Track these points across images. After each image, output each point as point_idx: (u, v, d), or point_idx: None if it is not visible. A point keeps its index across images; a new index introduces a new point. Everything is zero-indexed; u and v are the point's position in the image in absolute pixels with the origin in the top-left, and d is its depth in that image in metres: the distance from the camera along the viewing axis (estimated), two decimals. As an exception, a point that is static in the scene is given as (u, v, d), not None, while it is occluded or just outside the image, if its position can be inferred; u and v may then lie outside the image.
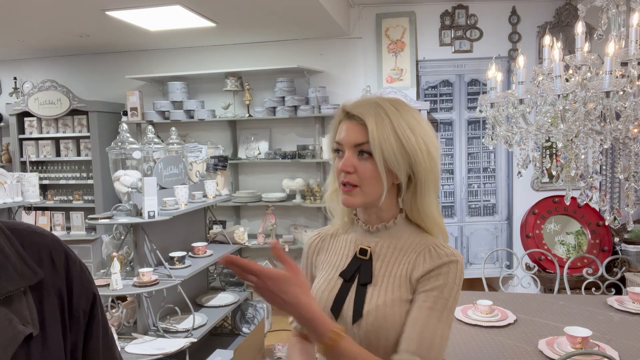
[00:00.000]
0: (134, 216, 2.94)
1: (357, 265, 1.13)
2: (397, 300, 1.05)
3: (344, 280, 1.12)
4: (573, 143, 1.79)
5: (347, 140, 1.08)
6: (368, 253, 1.12)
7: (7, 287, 0.69)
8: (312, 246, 1.26)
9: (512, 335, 2.11)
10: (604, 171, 4.17)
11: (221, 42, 4.73)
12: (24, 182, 3.74)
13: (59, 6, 3.47)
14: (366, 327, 1.05)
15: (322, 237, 1.26)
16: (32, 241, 0.76)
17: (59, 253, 0.78)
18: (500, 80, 2.10)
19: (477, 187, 4.57)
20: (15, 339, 0.67)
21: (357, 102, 1.09)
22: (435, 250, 1.08)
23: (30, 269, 0.72)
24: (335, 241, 1.22)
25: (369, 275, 1.10)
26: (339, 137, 1.10)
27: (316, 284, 1.17)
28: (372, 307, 1.06)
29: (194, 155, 3.65)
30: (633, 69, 1.52)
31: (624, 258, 3.75)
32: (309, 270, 1.26)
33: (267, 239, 4.57)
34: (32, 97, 4.82)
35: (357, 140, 1.06)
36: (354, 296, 1.09)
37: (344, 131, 1.09)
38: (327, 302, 1.11)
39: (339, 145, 1.10)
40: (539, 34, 4.32)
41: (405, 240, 1.12)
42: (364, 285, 1.09)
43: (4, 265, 0.70)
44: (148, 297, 2.99)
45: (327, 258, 1.21)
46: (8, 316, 0.67)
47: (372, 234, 1.15)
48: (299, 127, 4.73)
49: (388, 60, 4.49)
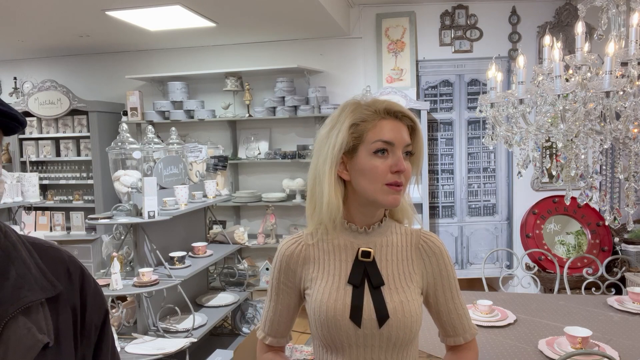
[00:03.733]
0: (134, 216, 2.94)
1: (362, 269, 1.10)
2: (413, 294, 1.11)
3: (354, 287, 1.09)
4: (573, 143, 1.79)
5: (401, 140, 1.08)
6: (371, 255, 1.11)
7: (29, 297, 0.71)
8: (293, 256, 1.15)
9: (512, 335, 2.11)
10: (604, 171, 4.17)
11: (221, 42, 4.73)
12: (24, 182, 3.75)
13: (59, 6, 3.47)
14: (396, 325, 1.07)
15: (303, 245, 1.16)
16: (50, 256, 0.79)
17: (76, 268, 0.81)
18: (500, 80, 2.10)
19: (477, 187, 4.57)
20: (35, 347, 0.69)
21: (396, 104, 1.11)
22: (430, 241, 1.16)
23: (50, 282, 0.75)
24: (321, 248, 1.15)
25: (380, 277, 1.10)
26: (387, 137, 1.06)
27: (320, 296, 1.10)
28: (397, 304, 1.08)
29: (194, 155, 3.65)
30: (633, 69, 1.52)
31: (624, 258, 3.75)
32: (290, 282, 1.16)
33: (267, 239, 4.58)
34: (32, 97, 4.82)
35: (408, 141, 1.10)
36: (371, 300, 1.08)
37: (395, 131, 1.08)
38: (343, 312, 1.07)
39: (387, 145, 1.07)
40: (539, 34, 4.32)
41: (395, 235, 1.16)
42: (377, 288, 1.09)
43: (26, 276, 0.73)
44: (148, 297, 2.99)
45: (318, 267, 1.14)
46: (27, 325, 0.70)
47: (368, 235, 1.14)
48: (299, 127, 4.73)
49: (388, 60, 4.49)
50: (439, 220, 4.58)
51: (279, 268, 1.17)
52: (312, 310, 1.12)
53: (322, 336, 1.11)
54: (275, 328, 1.22)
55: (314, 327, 1.13)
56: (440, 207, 4.59)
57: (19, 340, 0.68)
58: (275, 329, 1.22)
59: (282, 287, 1.18)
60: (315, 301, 1.11)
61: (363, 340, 1.08)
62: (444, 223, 4.58)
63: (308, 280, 1.14)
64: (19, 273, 0.72)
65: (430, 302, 1.17)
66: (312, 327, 1.14)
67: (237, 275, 3.77)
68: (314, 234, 1.16)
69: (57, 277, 0.77)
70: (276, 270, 1.18)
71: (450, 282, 1.16)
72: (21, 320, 0.69)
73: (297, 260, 1.16)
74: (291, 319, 1.22)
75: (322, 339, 1.12)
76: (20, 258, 0.74)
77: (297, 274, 1.16)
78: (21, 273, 0.73)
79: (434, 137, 4.55)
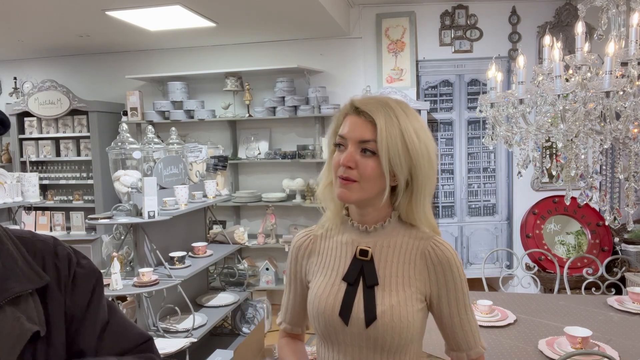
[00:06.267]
0: (134, 216, 2.93)
1: (359, 267, 1.10)
2: (409, 300, 1.07)
3: (348, 284, 1.10)
4: (573, 143, 1.79)
5: (352, 136, 1.05)
6: (369, 254, 1.11)
7: (16, 288, 0.75)
8: (301, 248, 1.21)
9: (512, 335, 2.11)
10: (604, 171, 4.17)
11: (221, 42, 4.73)
12: (24, 182, 3.75)
13: (59, 6, 3.47)
14: (382, 328, 1.05)
15: (312, 238, 1.21)
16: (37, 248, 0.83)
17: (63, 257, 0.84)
18: (500, 80, 2.10)
19: (477, 187, 4.57)
20: (23, 336, 0.72)
21: (366, 99, 1.07)
22: (439, 249, 1.10)
23: (37, 274, 0.79)
24: (326, 243, 1.18)
25: (375, 277, 1.09)
26: (343, 131, 1.07)
27: (317, 290, 1.13)
28: (386, 308, 1.06)
29: (194, 155, 3.65)
30: (633, 69, 1.52)
31: (624, 258, 3.75)
32: (298, 273, 1.21)
33: (267, 239, 4.58)
34: (32, 97, 4.82)
35: (363, 137, 1.04)
36: (362, 299, 1.07)
37: (350, 126, 1.06)
38: (333, 307, 1.09)
39: (341, 140, 1.07)
40: (539, 34, 4.32)
41: (402, 237, 1.12)
42: (371, 288, 1.08)
43: (13, 268, 0.77)
44: (148, 297, 2.99)
45: (320, 261, 1.17)
46: (16, 314, 0.73)
47: (369, 234, 1.13)
48: (299, 127, 4.73)
49: (388, 60, 4.49)
50: (439, 220, 4.58)
51: (291, 259, 1.23)
52: (309, 303, 1.15)
53: (318, 329, 1.14)
54: (290, 316, 1.27)
55: (311, 319, 1.16)
56: (440, 207, 4.59)
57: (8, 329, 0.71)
58: (290, 317, 1.27)
59: (292, 278, 1.23)
60: (311, 294, 1.15)
61: (351, 339, 1.08)
62: (444, 223, 4.58)
63: (310, 273, 1.18)
64: (6, 265, 0.76)
65: (434, 312, 1.13)
66: (310, 319, 1.17)
67: (237, 275, 3.77)
68: (324, 228, 1.21)
69: (44, 268, 0.80)
70: (289, 260, 1.24)
71: (457, 295, 1.09)
72: (9, 310, 0.73)
73: (304, 253, 1.21)
74: (303, 309, 1.22)
75: (318, 332, 1.15)
76: (7, 251, 0.77)
77: (303, 266, 1.20)
78: (8, 265, 0.76)
79: (434, 137, 4.54)
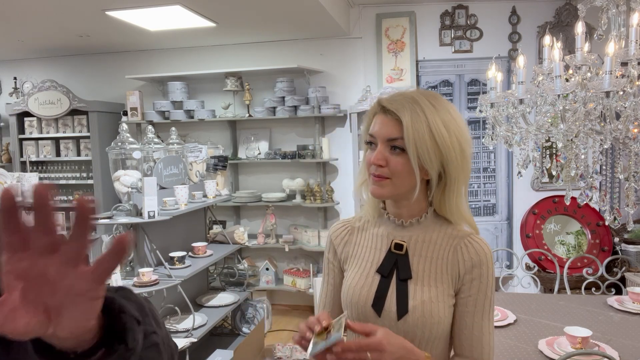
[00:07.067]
0: (134, 216, 2.94)
1: (393, 261, 1.12)
2: (441, 295, 1.08)
3: (382, 276, 1.12)
4: (573, 143, 1.79)
5: (380, 134, 1.07)
6: (404, 248, 1.12)
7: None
8: (339, 236, 1.23)
9: (512, 335, 2.11)
10: (604, 171, 4.17)
11: (221, 42, 4.73)
12: (24, 182, 3.74)
13: (59, 6, 3.47)
14: (413, 322, 1.06)
15: (349, 228, 1.23)
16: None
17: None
18: (500, 80, 2.10)
19: (477, 187, 4.57)
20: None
21: (393, 97, 1.08)
22: (472, 246, 1.10)
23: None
24: (363, 234, 1.20)
25: (409, 271, 1.10)
26: (372, 130, 1.09)
27: (351, 281, 1.15)
28: (418, 302, 1.07)
29: (194, 155, 3.65)
30: (633, 69, 1.52)
31: (624, 258, 3.75)
32: (336, 258, 1.23)
33: (267, 239, 4.58)
34: (32, 97, 4.82)
35: (390, 135, 1.06)
36: (395, 292, 1.09)
37: (378, 125, 1.08)
38: (367, 299, 1.11)
39: (372, 138, 1.10)
40: (539, 34, 4.32)
41: (437, 233, 1.13)
42: (404, 281, 1.09)
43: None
44: (148, 297, 2.99)
45: (357, 251, 1.19)
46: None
47: (405, 228, 1.14)
48: (299, 127, 4.73)
49: (388, 60, 4.49)
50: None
51: (328, 248, 1.26)
52: (343, 293, 1.17)
53: (352, 318, 1.14)
54: (328, 306, 1.27)
55: (344, 309, 1.17)
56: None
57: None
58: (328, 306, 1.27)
59: (329, 267, 1.25)
60: (346, 284, 1.17)
61: None
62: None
63: (346, 262, 1.21)
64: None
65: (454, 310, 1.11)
66: (343, 309, 1.18)
67: (237, 275, 3.77)
68: (361, 220, 1.23)
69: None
70: (326, 250, 1.27)
71: (479, 296, 1.08)
72: None
73: (340, 242, 1.23)
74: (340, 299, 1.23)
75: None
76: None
77: (338, 254, 1.23)
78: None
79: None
